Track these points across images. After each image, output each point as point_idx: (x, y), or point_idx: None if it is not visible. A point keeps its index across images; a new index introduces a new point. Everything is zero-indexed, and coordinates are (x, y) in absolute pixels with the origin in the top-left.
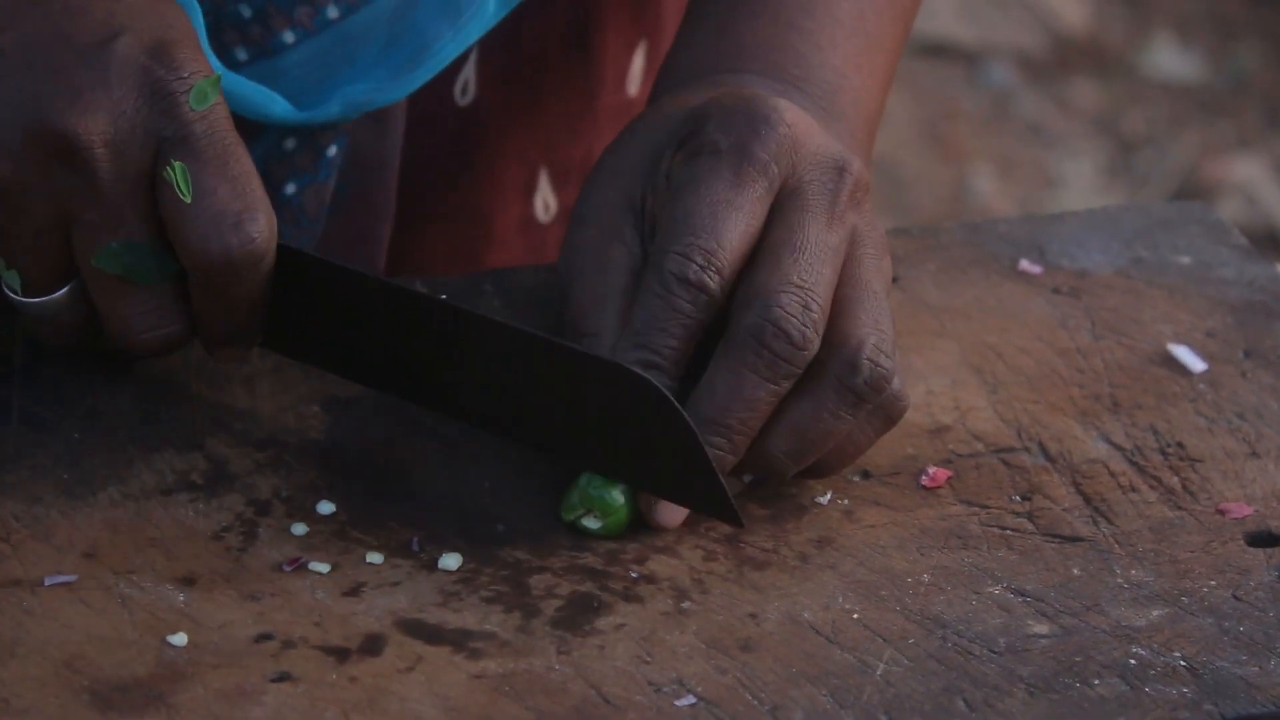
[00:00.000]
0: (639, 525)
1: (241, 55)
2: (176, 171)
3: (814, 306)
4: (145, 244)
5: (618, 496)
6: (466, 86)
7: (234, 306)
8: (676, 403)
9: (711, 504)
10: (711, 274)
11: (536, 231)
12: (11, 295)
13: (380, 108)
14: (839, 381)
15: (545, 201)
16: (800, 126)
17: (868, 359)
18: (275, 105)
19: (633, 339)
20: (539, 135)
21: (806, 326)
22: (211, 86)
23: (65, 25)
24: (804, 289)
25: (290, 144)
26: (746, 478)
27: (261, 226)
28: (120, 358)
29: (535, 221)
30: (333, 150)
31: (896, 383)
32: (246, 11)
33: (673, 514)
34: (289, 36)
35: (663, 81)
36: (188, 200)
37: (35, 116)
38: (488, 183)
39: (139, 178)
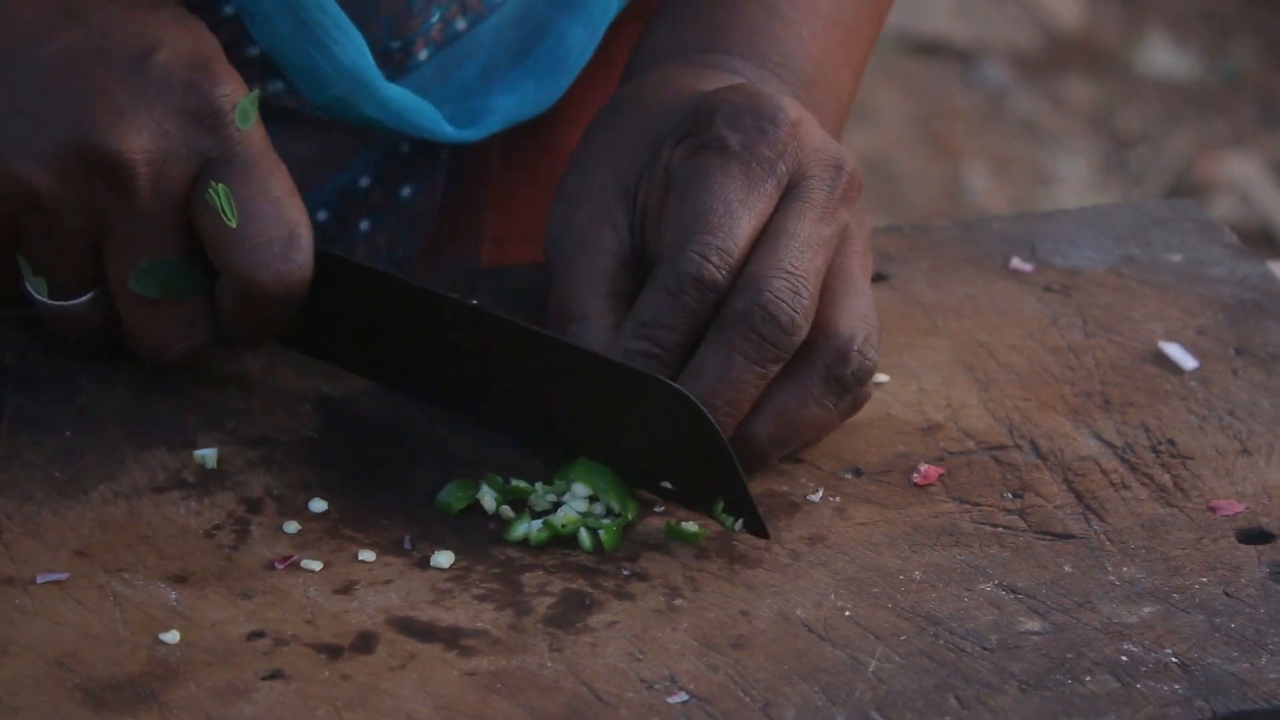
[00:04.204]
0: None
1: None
2: (220, 195)
3: (804, 293)
4: (179, 262)
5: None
6: None
7: (270, 321)
8: (714, 420)
9: (739, 514)
10: (725, 273)
11: None
12: (36, 297)
13: None
14: (827, 371)
15: None
16: (803, 124)
17: (857, 351)
18: (441, 125)
19: (639, 330)
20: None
21: (796, 312)
22: (252, 104)
23: (103, 40)
24: (795, 275)
25: (406, 148)
26: None
27: (306, 251)
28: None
29: None
30: (445, 152)
31: (877, 357)
32: (395, 45)
33: None
34: (423, 54)
35: (642, 56)
36: (233, 224)
37: (76, 132)
38: (565, 152)
39: (178, 197)
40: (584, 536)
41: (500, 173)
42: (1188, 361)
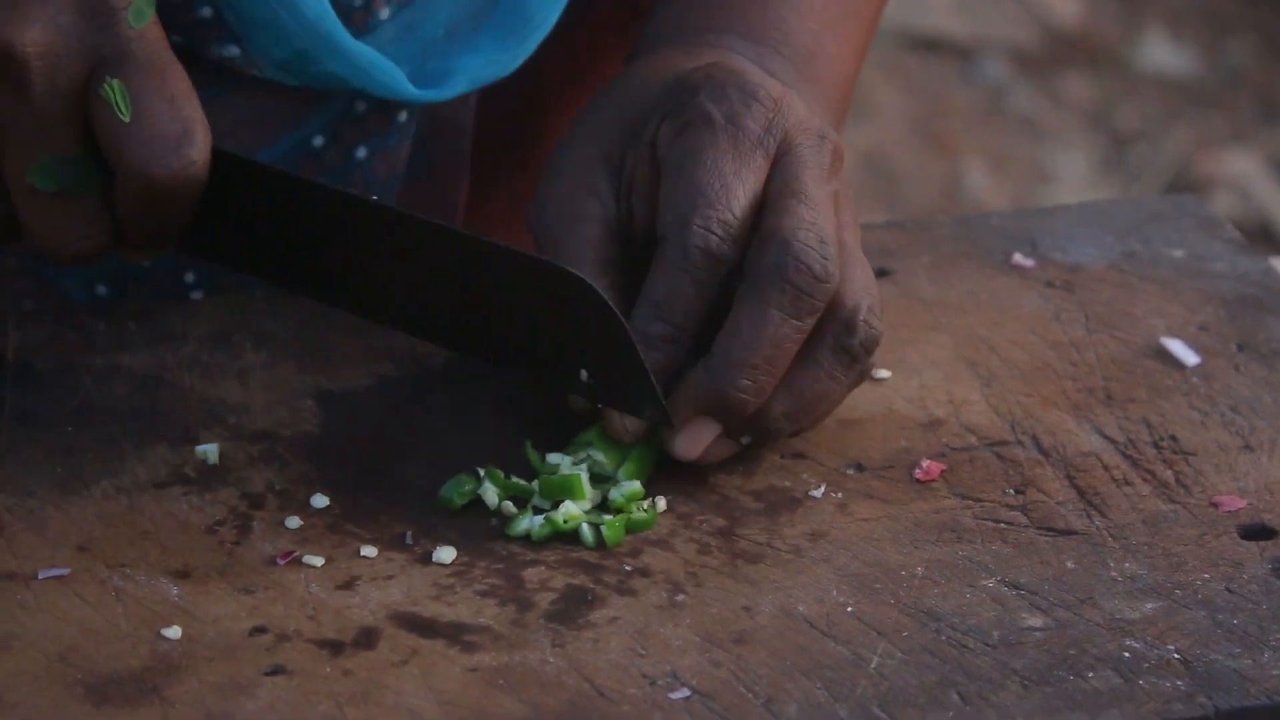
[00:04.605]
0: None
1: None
2: (115, 90)
3: (829, 241)
4: (77, 159)
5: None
6: None
7: (165, 221)
8: (609, 301)
9: (642, 404)
10: (730, 244)
11: None
12: None
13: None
14: (835, 343)
15: None
16: (785, 99)
17: (863, 320)
18: (404, 84)
19: (654, 311)
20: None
21: (827, 259)
22: (148, 4)
23: None
24: (816, 225)
25: (361, 107)
26: (745, 439)
27: (200, 148)
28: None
29: None
30: (404, 115)
31: (882, 326)
32: (358, 2)
33: (691, 444)
34: (385, 13)
35: (644, 40)
36: (127, 120)
37: None
38: (548, 143)
39: (73, 92)
40: (586, 532)
41: (477, 158)
42: (1189, 357)
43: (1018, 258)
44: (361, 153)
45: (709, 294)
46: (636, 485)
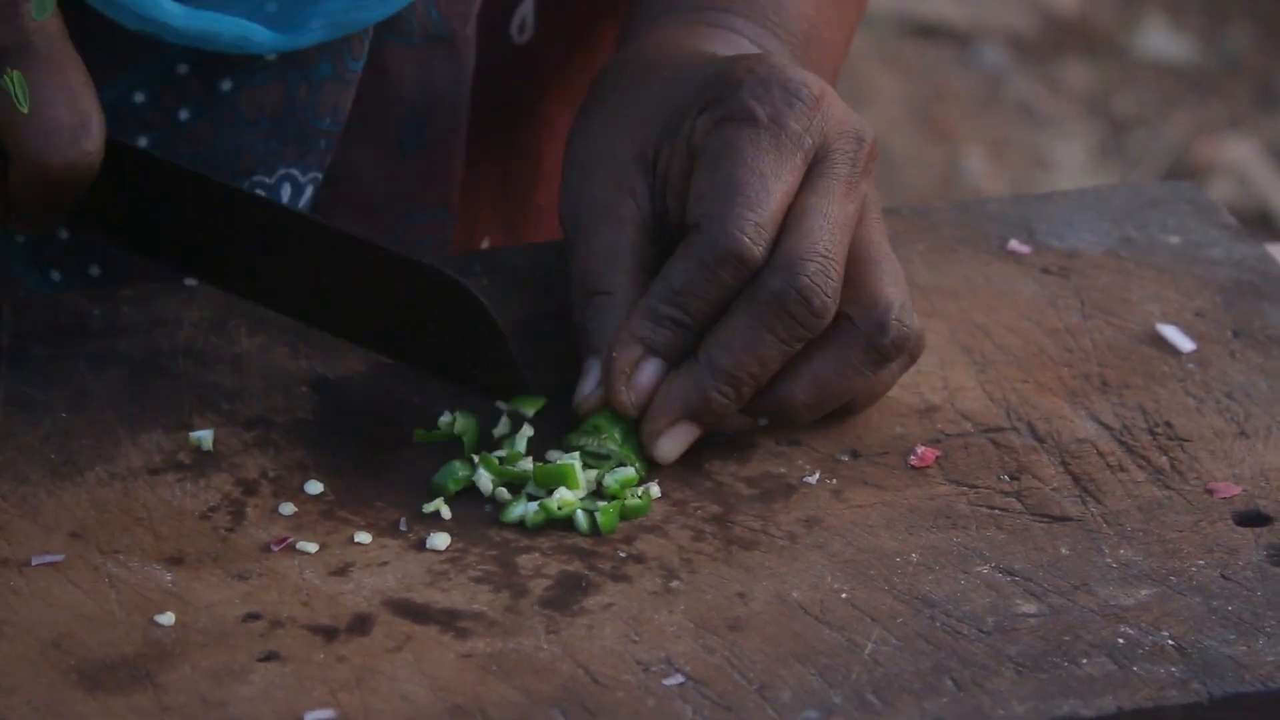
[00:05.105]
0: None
1: None
2: (15, 81)
3: (835, 275)
4: None
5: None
6: (524, 24)
7: (56, 204)
8: (482, 299)
9: (506, 386)
10: (761, 248)
11: None
12: None
13: (445, 38)
14: (866, 341)
15: None
16: (826, 97)
17: (895, 319)
18: (256, 34)
19: (670, 296)
20: (590, 79)
21: (829, 295)
22: None
23: None
24: (828, 259)
25: (183, 69)
26: (762, 421)
27: (96, 139)
28: None
29: None
30: (275, 55)
31: (916, 323)
32: None
33: (673, 448)
34: None
35: (639, 15)
36: (25, 110)
37: None
38: (541, 122)
39: None
40: (580, 518)
41: (469, 138)
42: (1185, 343)
43: (1014, 244)
44: (226, 85)
45: (728, 294)
46: (631, 471)
